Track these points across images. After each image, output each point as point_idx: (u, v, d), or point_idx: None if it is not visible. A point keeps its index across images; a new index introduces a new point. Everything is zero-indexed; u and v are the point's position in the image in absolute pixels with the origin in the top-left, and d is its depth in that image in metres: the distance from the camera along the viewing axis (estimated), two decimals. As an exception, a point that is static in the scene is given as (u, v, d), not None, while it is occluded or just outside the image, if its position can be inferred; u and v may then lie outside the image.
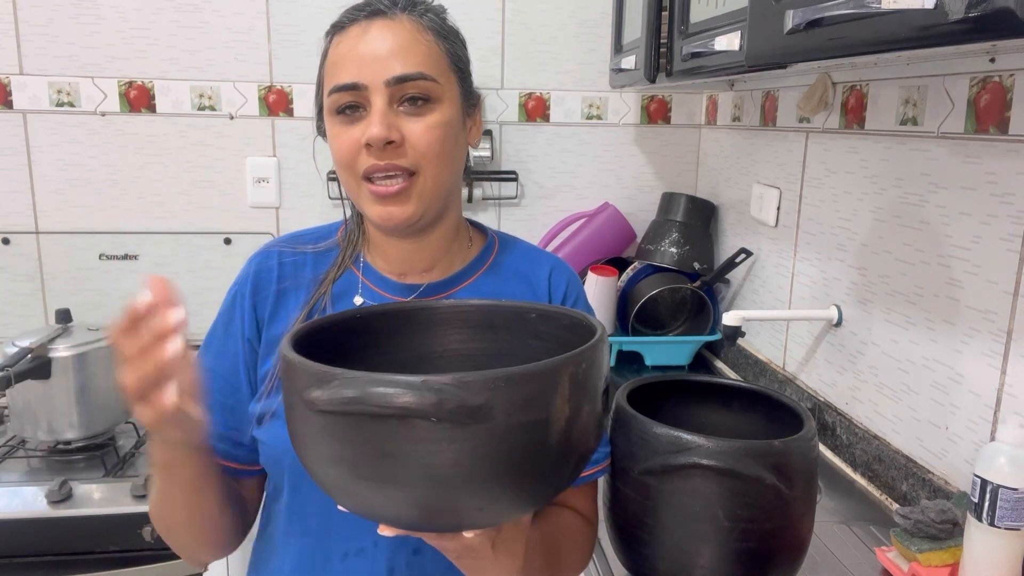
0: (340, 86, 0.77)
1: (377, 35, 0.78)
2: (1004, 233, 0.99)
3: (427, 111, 0.78)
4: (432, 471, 0.53)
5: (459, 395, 0.50)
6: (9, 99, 1.81)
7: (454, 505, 0.56)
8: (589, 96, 2.01)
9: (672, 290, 1.85)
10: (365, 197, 0.79)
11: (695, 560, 0.81)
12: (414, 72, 0.77)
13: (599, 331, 0.63)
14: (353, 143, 0.77)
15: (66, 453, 1.56)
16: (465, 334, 0.75)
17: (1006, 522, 0.85)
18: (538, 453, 0.56)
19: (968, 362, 1.06)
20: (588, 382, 0.58)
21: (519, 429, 0.53)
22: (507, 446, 0.53)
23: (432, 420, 0.51)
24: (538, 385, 0.54)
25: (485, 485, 0.55)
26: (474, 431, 0.52)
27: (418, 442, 0.52)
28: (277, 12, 1.87)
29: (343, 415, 0.53)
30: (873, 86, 1.26)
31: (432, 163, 0.78)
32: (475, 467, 0.53)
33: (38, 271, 1.88)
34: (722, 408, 0.98)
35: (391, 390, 0.50)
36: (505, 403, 0.52)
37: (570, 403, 0.56)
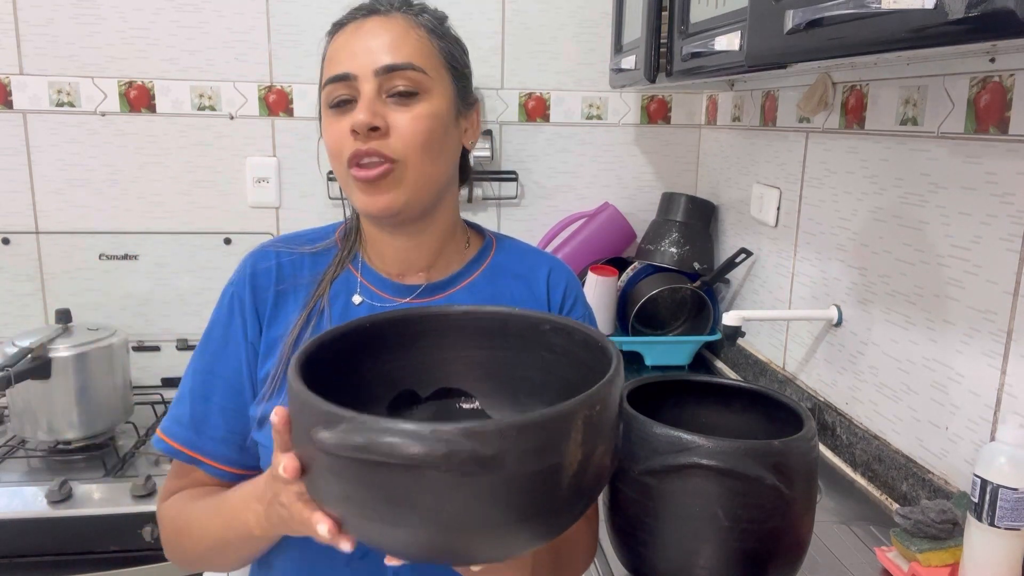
0: (332, 77, 0.80)
1: (370, 29, 0.80)
2: (1004, 233, 0.99)
3: (415, 103, 0.79)
4: (441, 518, 0.52)
5: (470, 446, 0.49)
6: (9, 99, 1.81)
7: (464, 548, 0.55)
8: (589, 96, 2.01)
9: (672, 290, 1.85)
10: (352, 185, 0.80)
11: (695, 560, 0.81)
12: (403, 62, 0.78)
13: (614, 362, 0.61)
14: (342, 132, 0.79)
15: (66, 453, 1.56)
16: (476, 341, 0.74)
17: (1006, 522, 0.85)
18: (551, 497, 0.55)
19: (968, 362, 1.06)
20: (603, 423, 0.57)
21: (531, 476, 0.52)
22: (518, 493, 0.52)
23: (442, 471, 0.50)
24: (551, 432, 0.52)
25: (496, 530, 0.54)
26: (485, 480, 0.51)
27: (426, 491, 0.51)
28: (277, 12, 1.87)
29: (350, 459, 0.52)
30: (873, 86, 1.26)
31: (416, 153, 0.78)
32: (486, 514, 0.52)
33: (38, 271, 1.88)
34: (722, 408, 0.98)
35: (399, 440, 0.49)
36: (517, 452, 0.50)
37: (583, 447, 0.54)
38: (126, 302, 1.91)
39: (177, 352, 1.89)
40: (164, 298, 1.92)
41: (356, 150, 0.77)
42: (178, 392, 0.86)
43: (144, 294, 1.91)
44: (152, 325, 1.93)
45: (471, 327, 0.74)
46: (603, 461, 0.58)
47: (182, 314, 1.93)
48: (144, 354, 1.90)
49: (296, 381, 0.57)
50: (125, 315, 1.90)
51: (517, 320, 0.74)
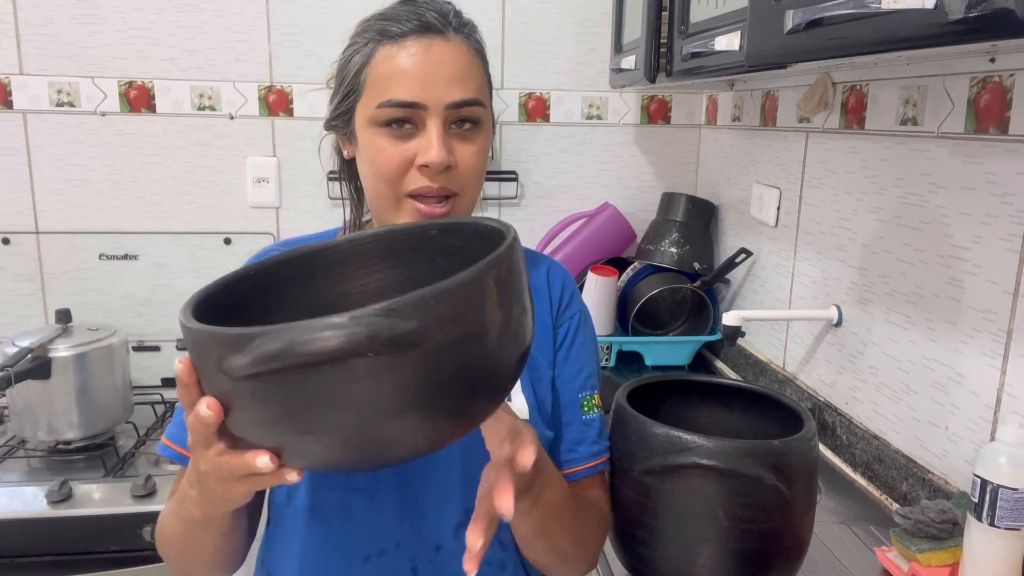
0: (398, 102, 0.76)
1: (438, 56, 0.77)
2: (1004, 233, 0.99)
3: (475, 135, 0.80)
4: (380, 406, 0.50)
5: (391, 323, 0.48)
6: (9, 99, 1.81)
7: (409, 435, 0.53)
8: (589, 96, 2.01)
9: (672, 290, 1.85)
10: (406, 211, 0.79)
11: (695, 560, 0.81)
12: (472, 98, 0.78)
13: (510, 232, 0.60)
14: (403, 160, 0.77)
15: (66, 453, 1.56)
16: (369, 267, 0.72)
17: (1006, 522, 0.85)
18: (482, 361, 0.54)
19: (968, 362, 1.06)
20: (513, 282, 0.56)
21: (457, 344, 0.51)
22: (449, 362, 0.51)
23: (368, 356, 0.48)
24: (466, 296, 0.51)
25: (437, 405, 0.52)
26: (413, 356, 0.49)
27: (359, 381, 0.49)
28: (277, 12, 1.87)
29: (271, 374, 0.49)
30: (873, 86, 1.26)
31: (473, 186, 0.81)
32: (422, 391, 0.51)
33: (38, 271, 1.88)
34: (722, 408, 0.98)
35: (319, 335, 0.47)
36: (438, 321, 0.49)
37: (501, 308, 0.54)
38: (126, 302, 1.91)
39: (177, 352, 1.89)
40: (164, 298, 1.92)
41: (426, 186, 0.77)
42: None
43: (144, 294, 1.91)
44: (152, 325, 1.93)
45: (359, 255, 0.71)
46: (522, 321, 0.57)
47: (182, 314, 1.92)
48: (144, 354, 1.90)
49: (190, 322, 0.53)
50: (125, 315, 1.90)
51: (402, 235, 0.71)
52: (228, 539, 0.76)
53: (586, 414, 0.87)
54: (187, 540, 0.76)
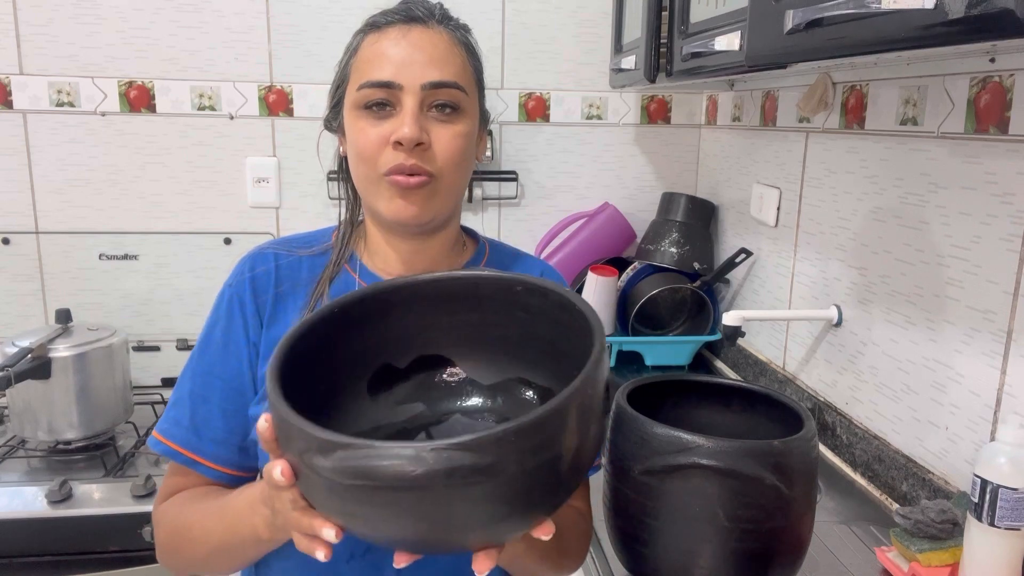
0: (375, 82, 0.78)
1: (416, 40, 0.80)
2: (1004, 233, 0.99)
3: (454, 119, 0.80)
4: (446, 523, 0.53)
5: (471, 459, 0.49)
6: (9, 99, 1.81)
7: (468, 542, 0.56)
8: (589, 96, 2.01)
9: (672, 290, 1.85)
10: (383, 193, 0.80)
11: (695, 560, 0.81)
12: (449, 80, 0.79)
13: (596, 339, 0.60)
14: (379, 139, 0.78)
15: (66, 453, 1.56)
16: (448, 307, 0.73)
17: (1006, 522, 0.85)
18: (550, 485, 0.55)
19: (968, 362, 1.06)
20: (594, 403, 0.57)
21: (531, 472, 0.52)
22: (520, 489, 0.53)
23: (444, 486, 0.50)
24: (549, 429, 0.53)
25: (499, 523, 0.55)
26: (488, 486, 0.51)
27: (430, 504, 0.51)
28: (277, 12, 1.87)
29: (350, 485, 0.51)
30: (873, 86, 1.26)
31: (451, 170, 0.80)
32: (489, 513, 0.53)
33: (38, 271, 1.88)
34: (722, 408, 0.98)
35: (399, 463, 0.49)
36: (516, 455, 0.51)
37: (578, 432, 0.55)
38: (126, 302, 1.91)
39: (177, 352, 1.89)
40: (164, 298, 1.92)
41: (399, 164, 0.78)
42: (175, 394, 0.86)
43: (144, 294, 1.91)
44: (152, 325, 1.93)
45: (441, 294, 0.73)
46: (596, 438, 0.59)
47: (182, 314, 1.93)
48: (144, 354, 1.90)
49: (279, 401, 0.55)
50: (125, 315, 1.90)
51: (488, 283, 0.72)
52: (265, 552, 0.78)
53: None
54: (228, 548, 0.77)
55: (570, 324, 0.63)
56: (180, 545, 0.82)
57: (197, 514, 0.80)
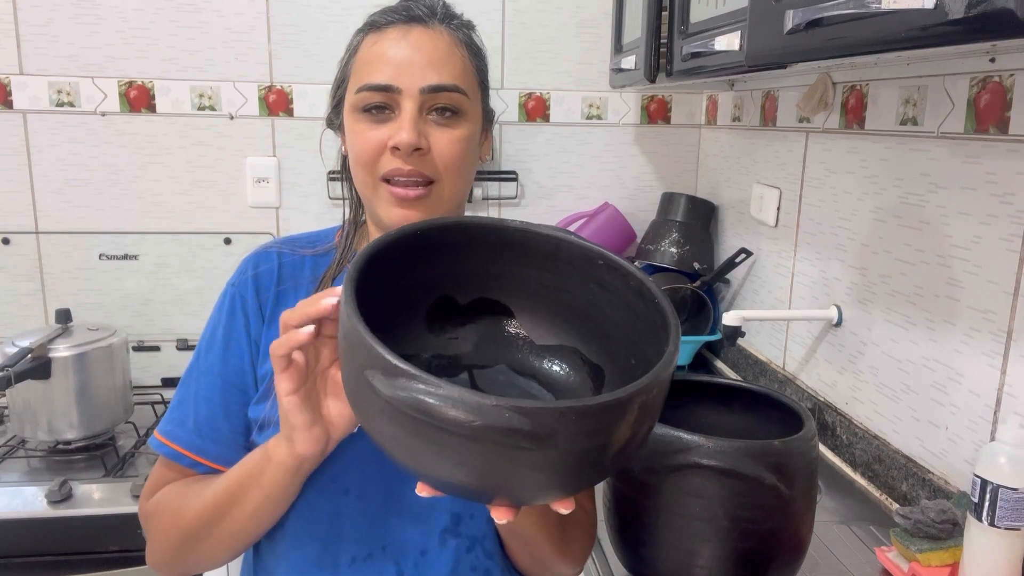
0: (373, 85, 0.77)
1: (416, 42, 0.78)
2: (1004, 233, 0.99)
3: (454, 123, 0.79)
4: (484, 477, 0.53)
5: (529, 426, 0.50)
6: (9, 99, 1.81)
7: (497, 496, 0.57)
8: (589, 96, 2.01)
9: (672, 290, 1.85)
10: (382, 198, 0.79)
11: (695, 560, 0.81)
12: (449, 83, 0.78)
13: (672, 336, 0.60)
14: (378, 143, 0.77)
15: (66, 453, 1.56)
16: (525, 260, 0.72)
17: (1006, 522, 0.85)
18: (592, 469, 0.56)
19: (968, 362, 1.06)
20: (655, 404, 0.57)
21: (580, 454, 0.53)
22: (563, 465, 0.53)
23: (495, 443, 0.50)
24: (610, 417, 0.53)
25: (534, 491, 0.56)
26: (536, 455, 0.51)
27: (476, 455, 0.52)
28: (277, 12, 1.87)
29: (404, 413, 0.52)
30: (873, 86, 1.26)
31: (452, 175, 0.79)
32: (528, 479, 0.54)
33: (38, 271, 1.88)
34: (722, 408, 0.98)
35: (459, 410, 0.50)
36: (572, 434, 0.51)
37: (634, 427, 0.55)
38: (126, 302, 1.91)
39: (177, 352, 1.89)
40: (164, 298, 1.92)
41: (397, 168, 0.77)
42: (177, 395, 0.86)
43: (144, 294, 1.91)
44: (152, 325, 1.92)
45: (522, 245, 0.71)
46: (646, 435, 0.59)
47: (182, 314, 1.93)
48: (144, 354, 1.90)
49: (352, 312, 0.55)
50: (125, 315, 1.90)
51: (571, 248, 0.71)
52: (277, 506, 0.76)
53: None
54: (229, 501, 0.75)
55: (642, 313, 0.63)
56: (172, 523, 0.79)
57: (196, 486, 0.79)
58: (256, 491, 0.73)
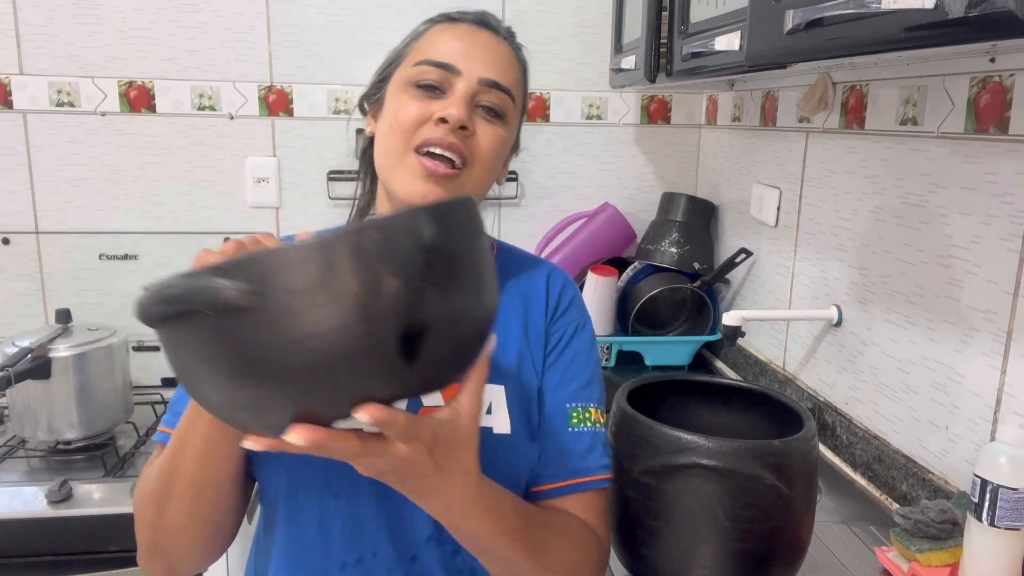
0: (434, 61, 0.79)
1: (484, 41, 0.82)
2: (1004, 233, 0.99)
3: (498, 123, 0.81)
4: (213, 368, 0.51)
5: (232, 284, 0.49)
6: (9, 99, 1.81)
7: (269, 397, 0.52)
8: (589, 96, 2.01)
9: (672, 290, 1.85)
10: (408, 168, 0.78)
11: (695, 560, 0.81)
12: (505, 84, 0.81)
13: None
14: (423, 113, 0.78)
15: (66, 453, 1.56)
16: None
17: (1006, 522, 0.85)
18: (337, 329, 0.50)
19: (968, 362, 1.06)
20: (384, 251, 0.51)
21: (301, 307, 0.49)
22: (297, 323, 0.49)
23: (207, 314, 0.49)
24: (312, 263, 0.49)
25: (300, 375, 0.50)
26: (243, 321, 0.49)
27: (197, 340, 0.51)
28: (277, 12, 1.87)
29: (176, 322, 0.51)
30: (873, 86, 1.26)
31: (485, 164, 0.80)
32: (276, 353, 0.50)
33: (38, 271, 1.88)
34: (722, 408, 0.98)
35: (173, 291, 0.50)
36: (282, 285, 0.48)
37: (358, 274, 0.49)
38: (126, 302, 1.90)
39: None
40: (164, 298, 1.91)
41: (437, 138, 0.76)
42: (178, 391, 0.85)
43: (144, 294, 1.91)
44: (152, 325, 1.92)
45: None
46: (398, 295, 0.51)
47: (182, 314, 1.92)
48: (144, 354, 1.90)
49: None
50: (125, 315, 1.88)
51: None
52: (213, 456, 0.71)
53: (574, 427, 0.82)
54: (183, 446, 0.71)
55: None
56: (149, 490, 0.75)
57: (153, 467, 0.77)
58: (199, 429, 0.70)
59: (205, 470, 0.71)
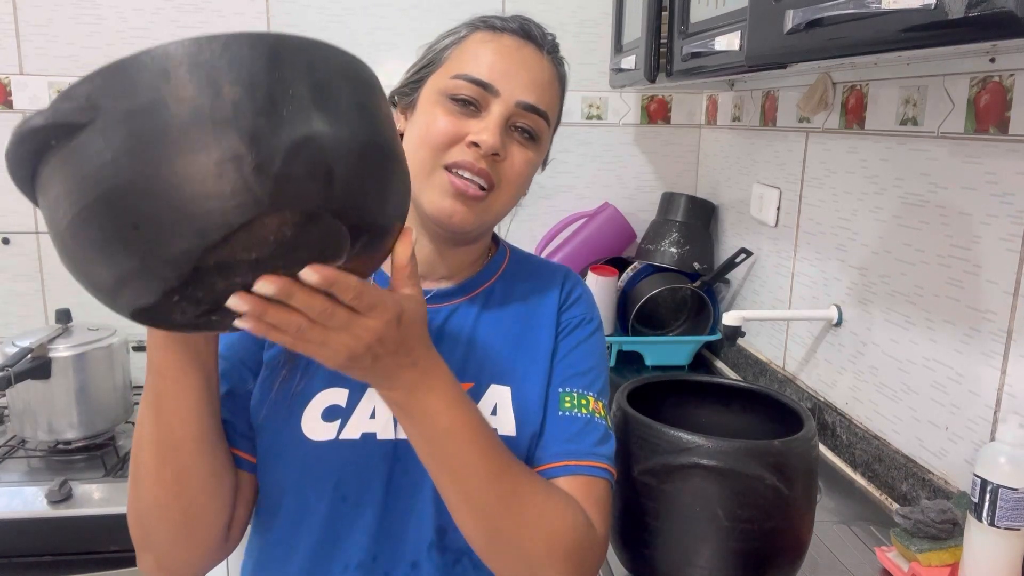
0: (473, 78, 0.77)
1: (527, 58, 0.79)
2: (1004, 233, 0.99)
3: (530, 146, 0.80)
4: (75, 194, 0.50)
5: (67, 105, 0.48)
6: (9, 99, 1.81)
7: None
8: (589, 96, 2.01)
9: (672, 290, 1.85)
10: (437, 184, 0.77)
11: (695, 560, 0.81)
12: (542, 108, 0.79)
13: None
14: (454, 134, 0.76)
15: (66, 453, 1.56)
16: None
17: (1006, 522, 0.85)
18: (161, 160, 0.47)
19: (968, 362, 1.06)
20: (221, 66, 0.47)
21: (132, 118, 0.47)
22: (136, 138, 0.47)
23: (54, 144, 0.48)
24: (139, 70, 0.47)
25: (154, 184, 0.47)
26: (84, 139, 0.47)
27: (58, 169, 0.50)
28: (277, 12, 1.87)
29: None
30: (873, 86, 1.26)
31: (511, 189, 0.80)
32: (128, 166, 0.47)
33: (38, 271, 1.88)
34: (722, 408, 0.98)
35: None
36: (110, 101, 0.47)
37: (194, 82, 0.46)
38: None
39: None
40: (164, 298, 1.91)
41: (468, 161, 0.76)
42: None
43: (144, 294, 1.91)
44: (152, 325, 1.92)
45: None
46: (239, 104, 0.47)
47: (182, 314, 1.92)
48: (144, 354, 1.89)
49: None
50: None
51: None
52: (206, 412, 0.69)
53: (566, 411, 0.80)
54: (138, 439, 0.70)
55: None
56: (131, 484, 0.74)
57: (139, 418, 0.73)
58: (148, 381, 0.69)
59: (161, 429, 0.68)
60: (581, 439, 0.78)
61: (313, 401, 0.77)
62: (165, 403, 0.68)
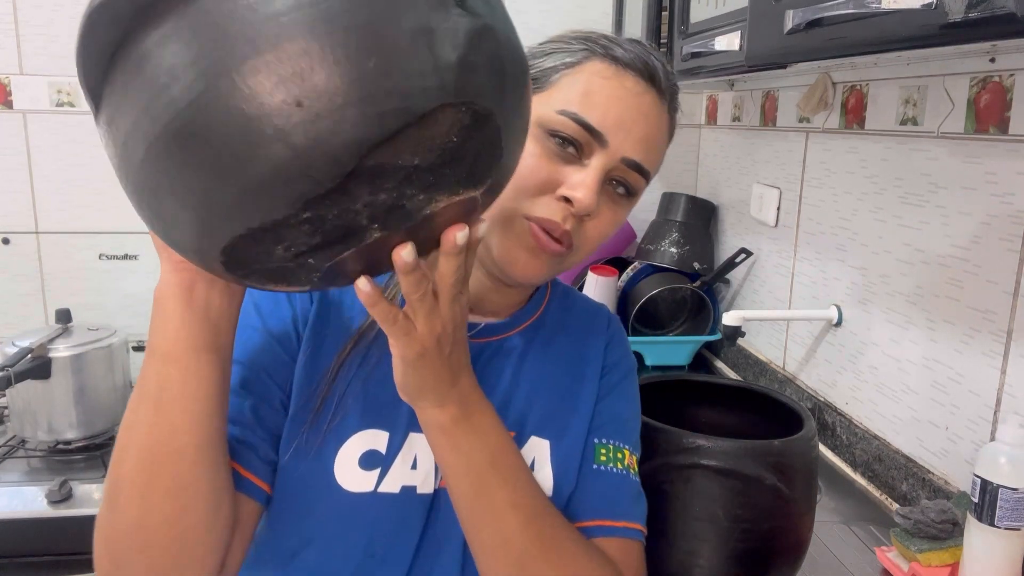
0: (584, 121, 0.68)
1: (646, 109, 0.70)
2: (1004, 233, 0.99)
3: (623, 204, 0.73)
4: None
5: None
6: (9, 99, 1.81)
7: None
8: (589, 96, 2.00)
9: (672, 290, 1.85)
10: (516, 233, 0.69)
11: (695, 560, 0.81)
12: (648, 168, 0.71)
13: None
14: (548, 180, 0.68)
15: (66, 453, 1.56)
16: None
17: (1006, 522, 0.85)
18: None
19: (968, 362, 1.06)
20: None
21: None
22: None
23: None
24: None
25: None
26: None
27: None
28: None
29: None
30: (873, 86, 1.26)
31: (588, 250, 0.73)
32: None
33: (38, 271, 1.88)
34: (722, 408, 0.98)
35: None
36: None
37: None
38: (126, 302, 1.91)
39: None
40: (164, 298, 1.91)
41: (553, 221, 0.68)
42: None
43: (144, 294, 1.90)
44: (152, 325, 1.92)
45: None
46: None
47: (182, 314, 1.92)
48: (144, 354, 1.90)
49: None
50: (125, 315, 1.90)
51: None
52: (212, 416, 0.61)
53: (600, 464, 0.75)
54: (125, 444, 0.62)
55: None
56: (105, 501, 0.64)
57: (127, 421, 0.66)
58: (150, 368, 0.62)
59: (160, 430, 0.60)
60: (617, 498, 0.74)
61: (349, 442, 0.69)
62: (170, 396, 0.60)
